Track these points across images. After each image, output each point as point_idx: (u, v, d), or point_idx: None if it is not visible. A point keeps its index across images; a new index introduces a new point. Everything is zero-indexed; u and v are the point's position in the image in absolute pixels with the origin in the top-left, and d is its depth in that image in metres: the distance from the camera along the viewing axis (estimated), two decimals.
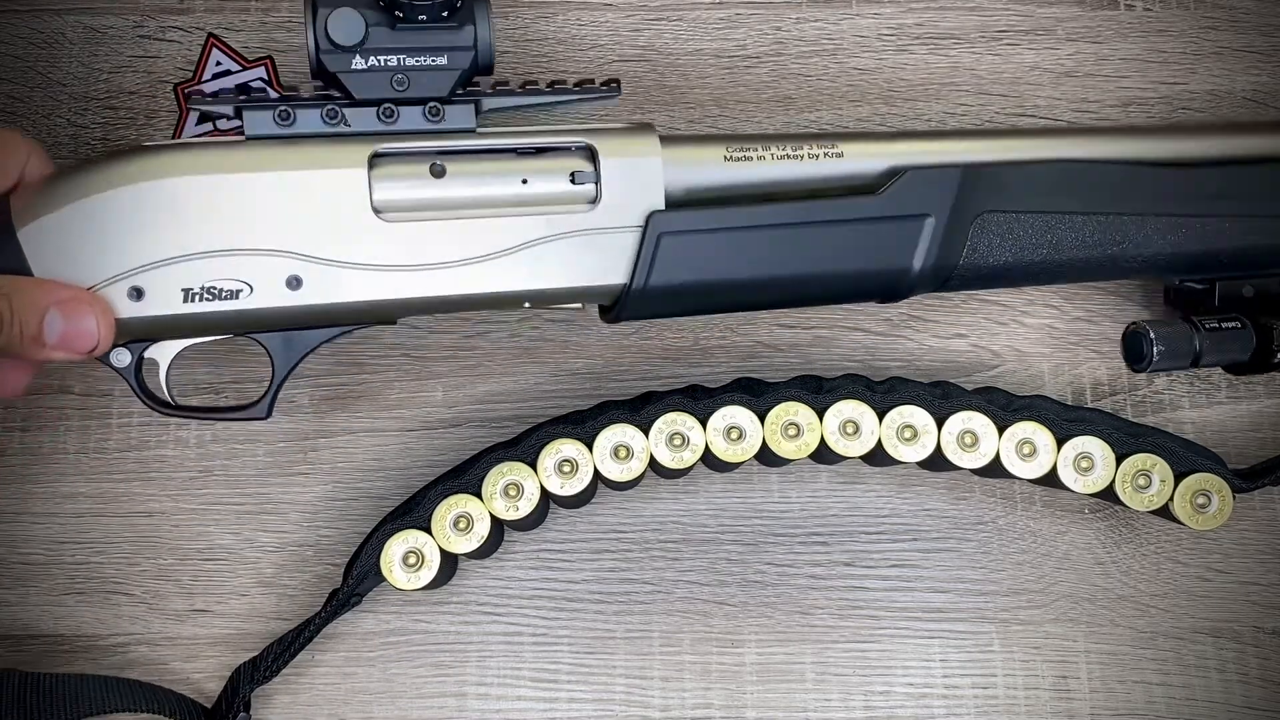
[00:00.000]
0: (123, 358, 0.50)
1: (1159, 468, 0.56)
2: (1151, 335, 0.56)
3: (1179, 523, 0.56)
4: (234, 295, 0.48)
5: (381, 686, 0.59)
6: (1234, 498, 0.56)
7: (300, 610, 0.59)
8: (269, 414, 0.53)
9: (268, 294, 0.48)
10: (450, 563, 0.56)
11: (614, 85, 0.51)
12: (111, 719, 0.57)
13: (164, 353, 0.51)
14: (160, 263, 0.47)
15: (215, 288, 0.48)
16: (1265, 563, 0.61)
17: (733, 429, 0.55)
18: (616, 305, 0.52)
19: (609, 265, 0.51)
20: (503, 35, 0.67)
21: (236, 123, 0.65)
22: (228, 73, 0.66)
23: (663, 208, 0.51)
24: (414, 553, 0.55)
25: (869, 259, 0.53)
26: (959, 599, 0.60)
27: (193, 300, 0.48)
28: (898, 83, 0.67)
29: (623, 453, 0.55)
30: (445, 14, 0.47)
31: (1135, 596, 0.61)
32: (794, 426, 0.55)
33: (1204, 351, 0.56)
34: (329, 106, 0.48)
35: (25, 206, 0.47)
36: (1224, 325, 0.56)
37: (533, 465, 0.55)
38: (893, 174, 0.53)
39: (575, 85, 0.51)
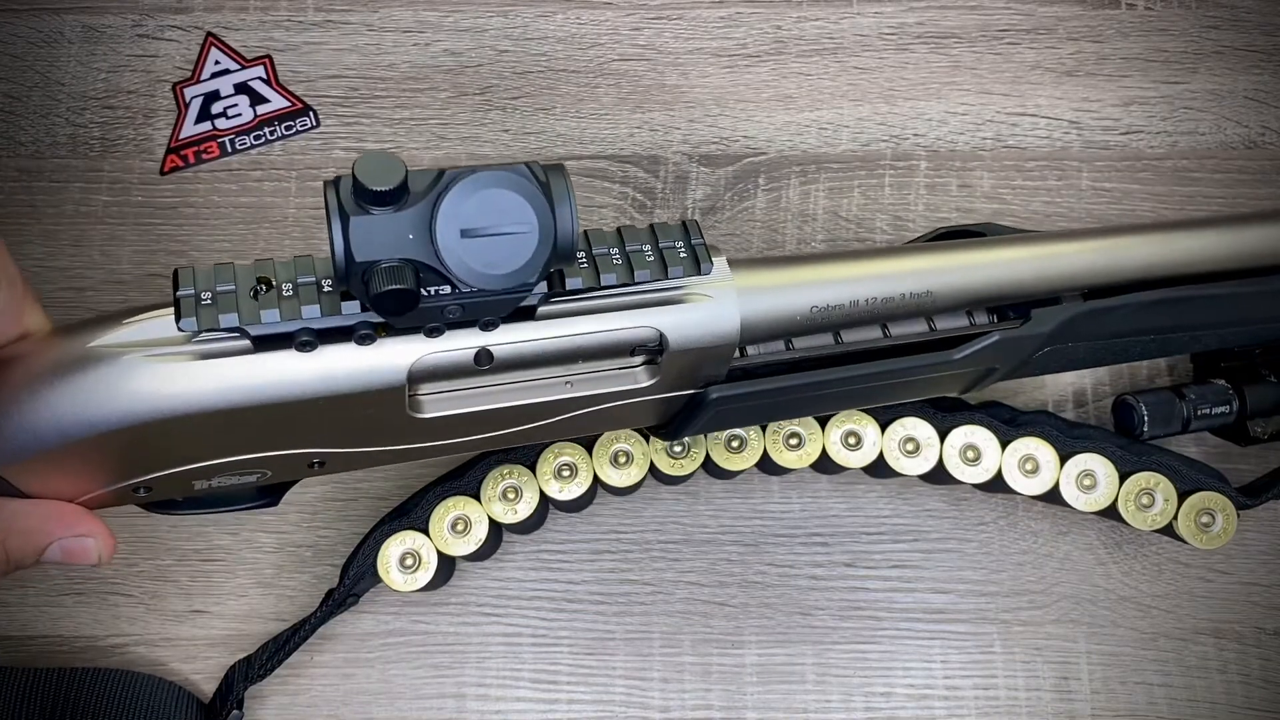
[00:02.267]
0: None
1: (1162, 486, 0.56)
2: (1144, 414, 0.56)
3: (1183, 541, 0.56)
4: (249, 481, 0.45)
5: (380, 687, 0.59)
6: (1238, 515, 0.56)
7: (299, 611, 0.59)
8: (276, 502, 0.49)
9: (286, 474, 0.45)
10: (448, 565, 0.56)
11: (693, 226, 0.43)
12: None
13: None
14: (171, 472, 0.42)
15: (229, 481, 0.44)
16: (1267, 564, 0.61)
17: (734, 438, 0.55)
18: (645, 436, 0.53)
19: (652, 418, 0.48)
20: (502, 35, 0.67)
21: (240, 120, 0.65)
22: (226, 72, 0.66)
23: (723, 379, 0.46)
24: (411, 554, 0.54)
25: (923, 392, 0.52)
26: (960, 600, 0.60)
27: (205, 490, 0.44)
28: (898, 82, 0.67)
29: (622, 459, 0.55)
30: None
31: (1137, 597, 0.60)
32: (795, 436, 0.55)
33: (1190, 424, 0.56)
34: (362, 330, 0.39)
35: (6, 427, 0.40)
36: (1215, 412, 0.57)
37: (532, 469, 0.55)
38: (970, 313, 0.50)
39: (653, 243, 0.42)
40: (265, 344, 0.39)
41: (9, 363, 0.40)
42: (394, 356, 0.40)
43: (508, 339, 0.41)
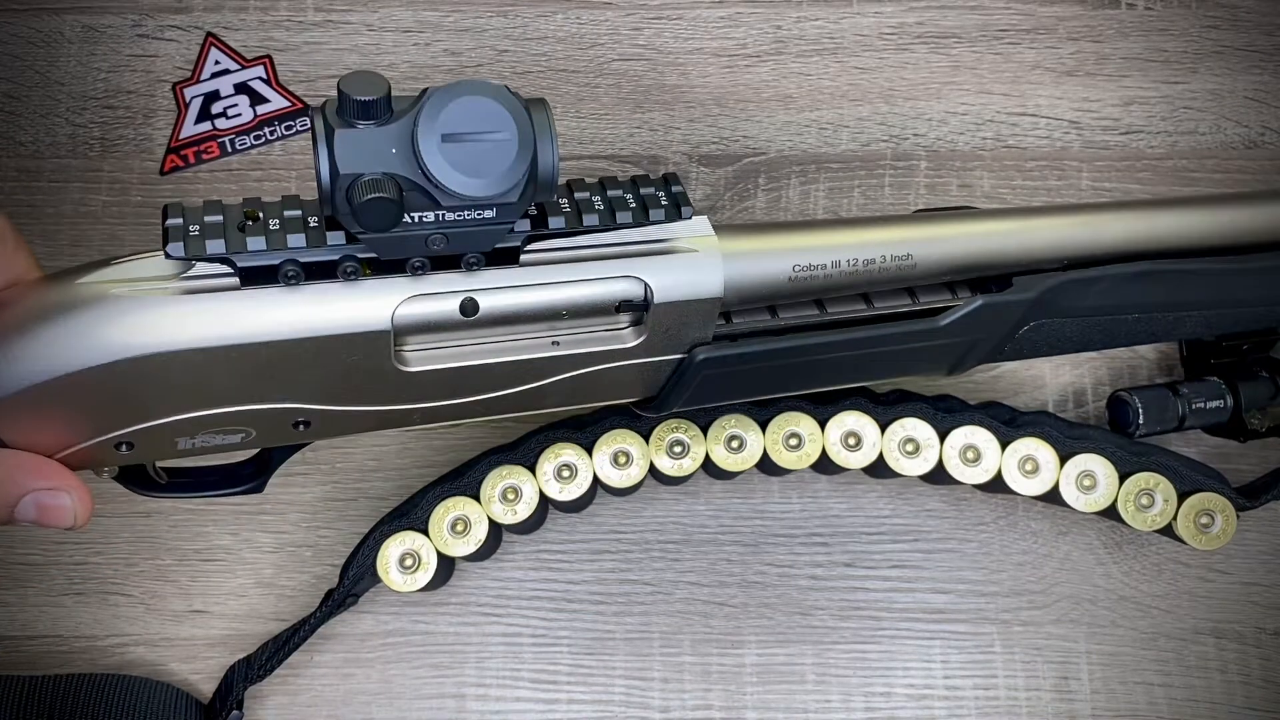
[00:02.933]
0: (109, 473, 0.45)
1: (1162, 487, 0.56)
2: (1138, 409, 0.56)
3: (1182, 542, 0.56)
4: (234, 439, 0.43)
5: (380, 687, 0.59)
6: (1237, 517, 0.56)
7: (299, 611, 0.59)
8: (261, 488, 0.48)
9: (271, 436, 0.44)
10: (447, 565, 0.56)
11: (672, 177, 0.44)
12: None
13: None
14: (152, 424, 0.41)
15: (213, 440, 0.43)
16: (1267, 563, 0.61)
17: (733, 438, 0.55)
18: (636, 413, 0.50)
19: (635, 385, 0.47)
20: (502, 35, 0.67)
21: (240, 120, 0.65)
22: (226, 72, 0.66)
23: (709, 341, 0.46)
24: (411, 555, 0.54)
25: (910, 367, 0.52)
26: (960, 600, 0.60)
27: (189, 447, 0.43)
28: (899, 82, 0.67)
29: (622, 459, 0.55)
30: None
31: (1136, 597, 0.60)
32: (795, 437, 0.55)
33: (1186, 420, 0.56)
34: (349, 262, 0.39)
35: None
36: (1209, 406, 0.56)
37: (532, 469, 0.55)
38: (952, 287, 0.50)
39: (640, 207, 0.43)
40: (252, 278, 0.39)
41: None
42: (379, 295, 0.40)
43: (493, 284, 0.41)
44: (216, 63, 0.66)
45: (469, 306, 0.42)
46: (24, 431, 0.40)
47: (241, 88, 0.66)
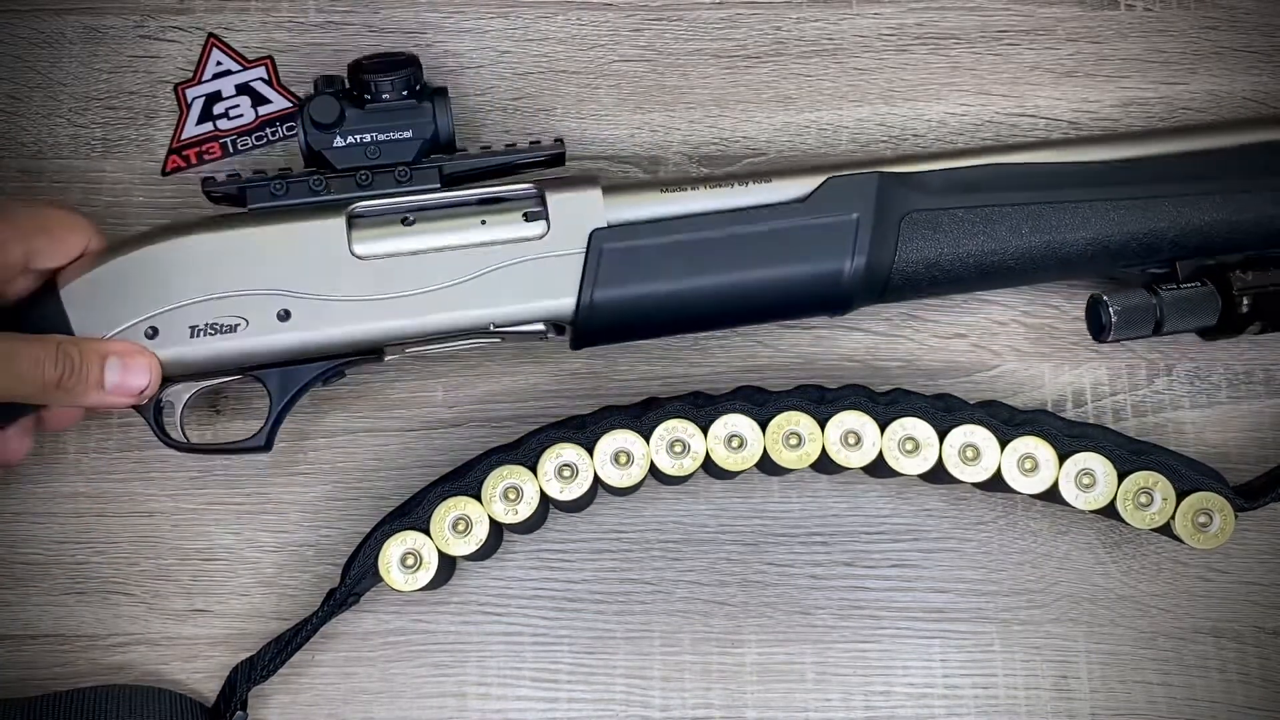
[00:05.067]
0: None
1: (1161, 486, 0.56)
2: (1107, 302, 0.56)
3: (1180, 541, 0.56)
4: (232, 329, 0.54)
5: (381, 686, 0.59)
6: (1235, 517, 0.56)
7: (301, 610, 0.59)
8: (269, 446, 0.57)
9: (261, 326, 0.54)
10: (448, 564, 0.56)
11: (559, 142, 0.57)
12: None
13: (179, 398, 0.56)
14: (171, 307, 0.54)
15: (216, 323, 0.54)
16: (1266, 563, 0.61)
17: (734, 437, 0.55)
18: (575, 324, 0.56)
19: (560, 284, 0.55)
20: (503, 35, 0.67)
21: (242, 121, 0.66)
22: (228, 73, 0.66)
23: (604, 226, 0.55)
24: (412, 554, 0.55)
25: (802, 261, 0.56)
26: (959, 599, 0.60)
27: (198, 336, 0.54)
28: (898, 83, 0.67)
29: (623, 458, 0.55)
30: (405, 93, 0.55)
31: (1136, 596, 0.61)
32: (795, 436, 0.55)
33: (1166, 316, 0.56)
34: (315, 177, 0.55)
35: (69, 274, 0.54)
36: (1183, 287, 0.56)
37: (533, 469, 0.55)
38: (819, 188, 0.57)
39: (528, 146, 0.57)
40: (251, 184, 0.56)
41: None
42: (337, 203, 0.55)
43: (421, 200, 0.56)
44: (218, 64, 0.66)
45: (408, 221, 0.55)
46: (83, 316, 0.54)
47: (243, 88, 0.66)
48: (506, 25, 0.68)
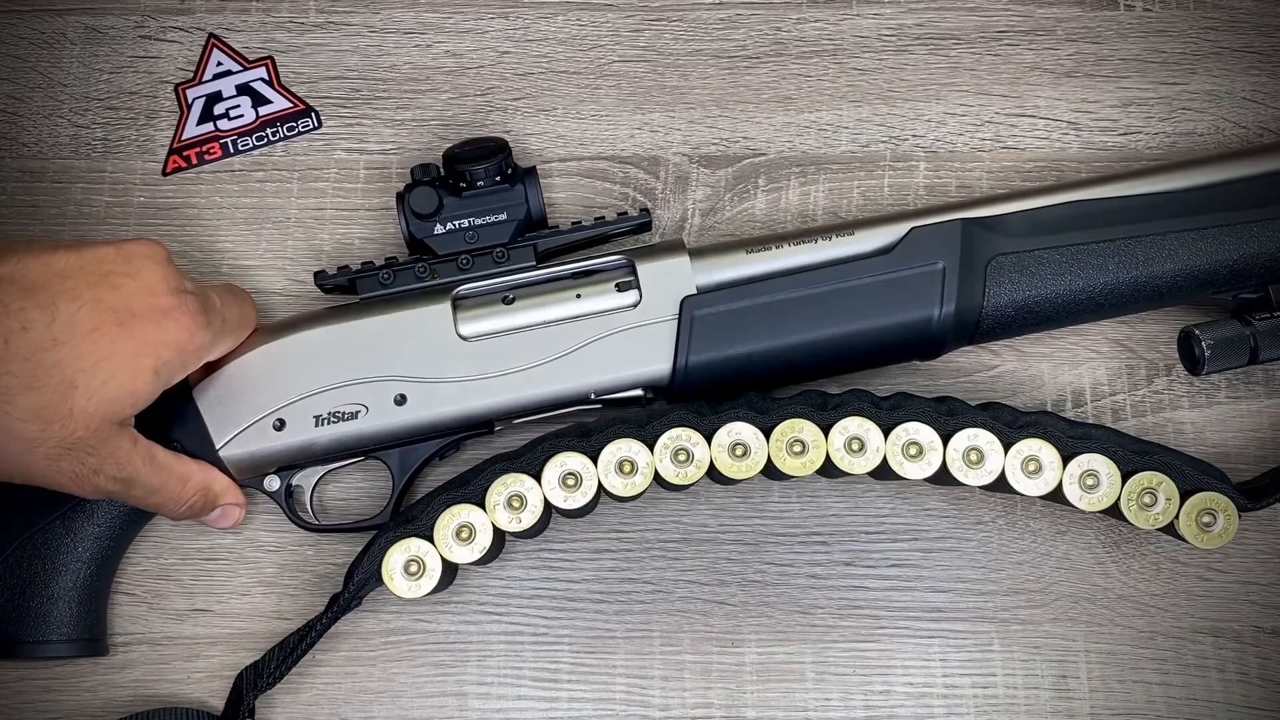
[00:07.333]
0: (273, 483, 0.58)
1: (1164, 486, 0.55)
2: (1199, 335, 0.56)
3: (1184, 541, 0.56)
4: (354, 416, 0.57)
5: (382, 686, 0.59)
6: (1239, 516, 0.55)
7: (301, 610, 0.59)
8: (392, 519, 0.58)
9: (380, 412, 0.57)
10: (451, 570, 0.56)
11: (644, 212, 0.60)
12: None
13: (307, 481, 0.59)
14: (296, 399, 0.57)
15: (339, 412, 0.57)
16: (1265, 562, 0.61)
17: (738, 445, 0.55)
18: (671, 388, 0.57)
19: (655, 352, 0.57)
20: (503, 36, 0.67)
21: (242, 121, 0.66)
22: (228, 73, 0.66)
23: (694, 293, 0.57)
24: (415, 561, 0.54)
25: (890, 312, 0.56)
26: (959, 599, 0.61)
27: (322, 425, 0.56)
28: (898, 83, 0.67)
29: (627, 467, 0.55)
30: (498, 179, 0.58)
31: (1135, 596, 0.61)
32: (799, 443, 0.55)
33: (1261, 345, 0.56)
34: (420, 264, 0.58)
35: (197, 373, 0.56)
36: (1276, 315, 0.56)
37: (537, 477, 0.55)
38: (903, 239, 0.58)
39: (615, 217, 0.60)
40: (361, 275, 0.59)
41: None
42: (442, 288, 0.58)
43: (519, 278, 0.58)
44: (219, 64, 0.67)
45: (508, 299, 0.58)
46: (215, 414, 0.57)
47: (244, 89, 0.66)
48: (506, 25, 0.68)
